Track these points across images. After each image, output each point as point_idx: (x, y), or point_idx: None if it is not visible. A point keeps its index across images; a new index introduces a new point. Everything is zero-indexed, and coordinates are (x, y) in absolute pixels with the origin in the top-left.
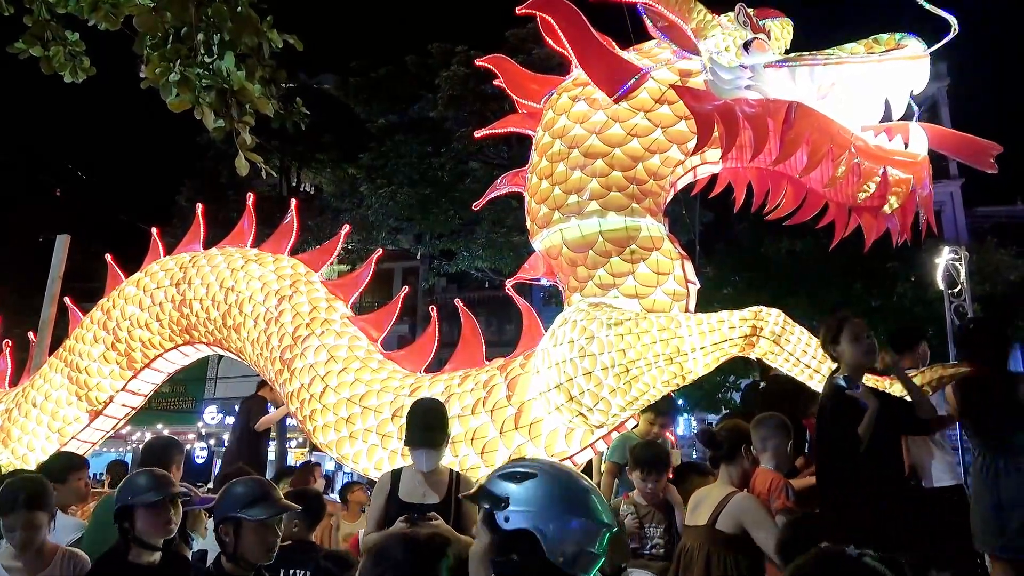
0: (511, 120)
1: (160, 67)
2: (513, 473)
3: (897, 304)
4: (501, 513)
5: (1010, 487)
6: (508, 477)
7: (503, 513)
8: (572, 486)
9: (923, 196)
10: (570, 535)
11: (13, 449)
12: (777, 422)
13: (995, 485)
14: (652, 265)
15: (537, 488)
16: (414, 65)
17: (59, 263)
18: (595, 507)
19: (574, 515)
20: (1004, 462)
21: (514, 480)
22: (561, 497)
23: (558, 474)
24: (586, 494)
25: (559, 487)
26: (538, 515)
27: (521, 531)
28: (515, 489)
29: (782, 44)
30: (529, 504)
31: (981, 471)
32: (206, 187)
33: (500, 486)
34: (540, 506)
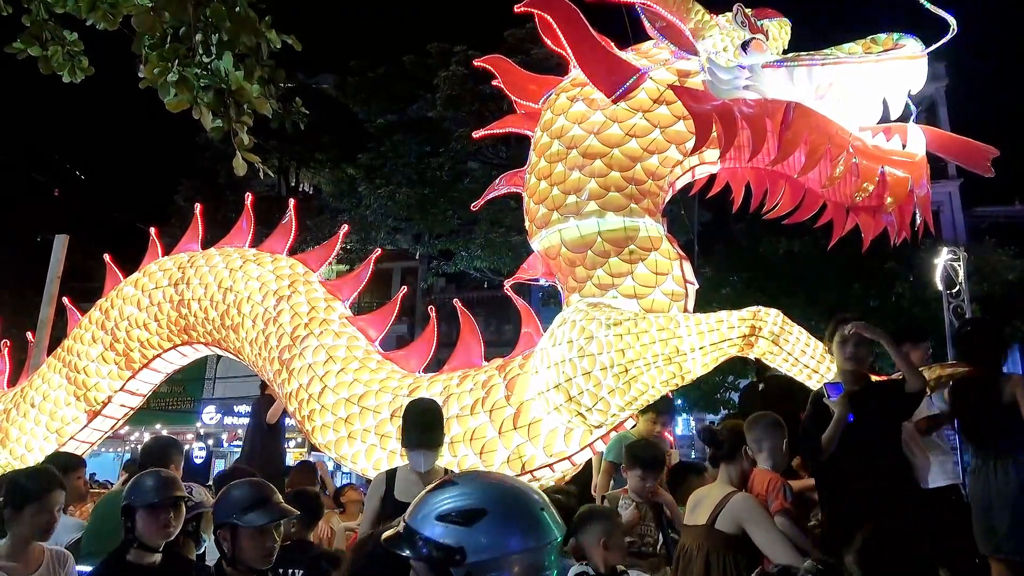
0: (510, 120)
1: (158, 67)
2: (458, 513)
3: (895, 304)
4: (460, 568)
5: (999, 489)
6: (453, 519)
7: (462, 568)
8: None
9: (921, 196)
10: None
11: (11, 449)
12: (770, 422)
13: (986, 487)
14: (651, 265)
15: (494, 528)
16: (413, 65)
17: (57, 263)
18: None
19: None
20: (994, 463)
21: (463, 522)
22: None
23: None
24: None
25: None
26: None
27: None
28: (468, 534)
29: (780, 44)
30: (491, 551)
31: (974, 472)
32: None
33: (449, 533)
34: (501, 549)
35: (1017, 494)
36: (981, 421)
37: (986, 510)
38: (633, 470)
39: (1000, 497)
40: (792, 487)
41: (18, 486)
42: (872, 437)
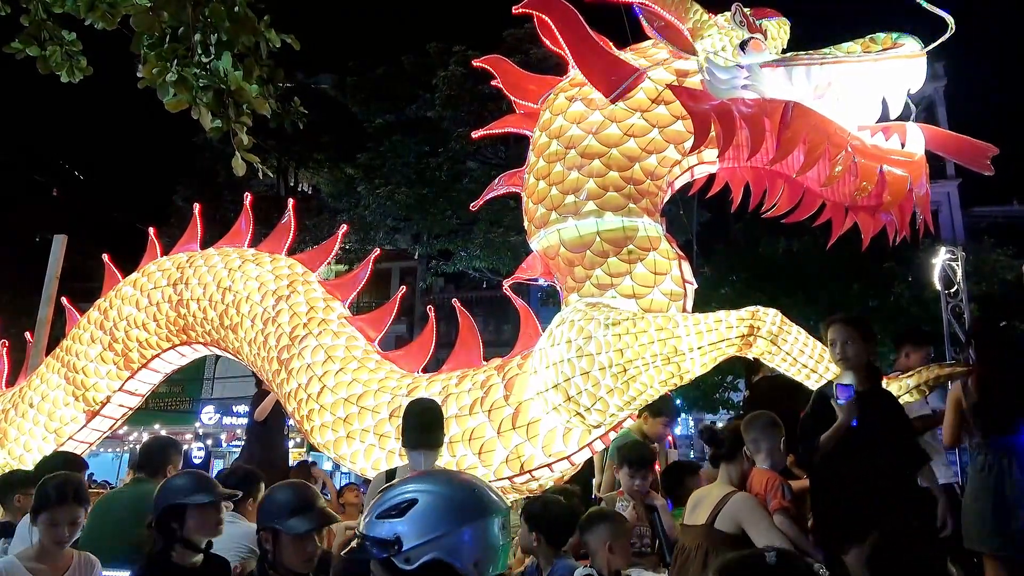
0: (508, 120)
1: (157, 67)
2: (393, 508)
3: (894, 304)
4: (400, 556)
5: (1014, 486)
6: (388, 514)
7: (402, 556)
8: (454, 491)
9: (920, 195)
10: (474, 542)
11: (10, 450)
12: (767, 422)
13: (999, 484)
14: (649, 265)
15: (425, 512)
16: (412, 65)
17: (56, 263)
18: (483, 500)
19: (469, 521)
20: (1008, 461)
21: (396, 515)
22: (451, 509)
23: (436, 487)
24: (471, 491)
25: (445, 500)
26: (438, 540)
27: (428, 564)
28: (402, 524)
29: (779, 44)
30: (423, 533)
31: (983, 470)
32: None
33: (385, 528)
34: (436, 530)
35: None
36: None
37: (997, 507)
38: (621, 468)
39: (1014, 493)
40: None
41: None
42: (873, 438)
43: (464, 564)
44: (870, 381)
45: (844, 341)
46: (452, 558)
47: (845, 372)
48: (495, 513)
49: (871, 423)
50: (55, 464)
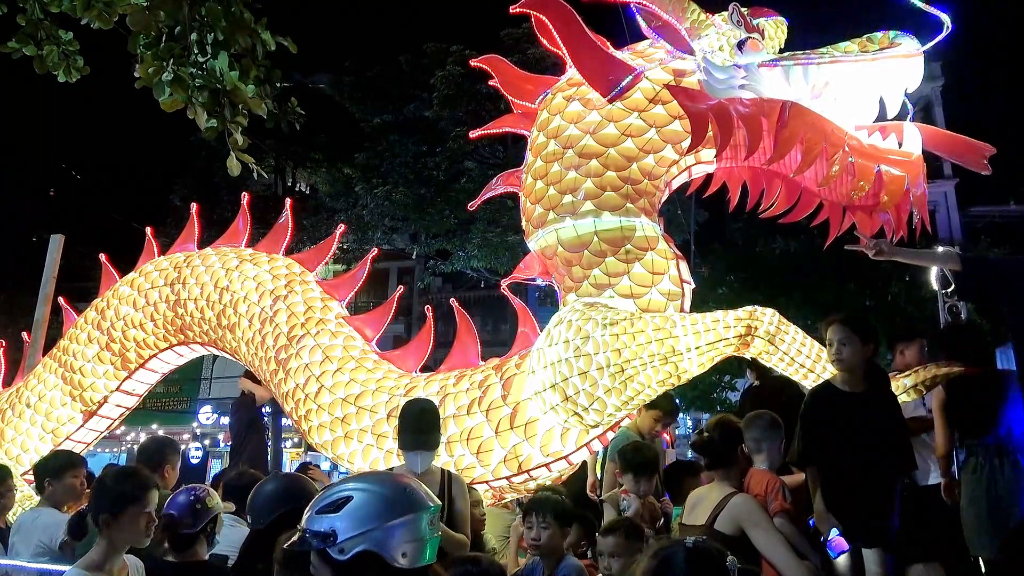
0: (506, 120)
1: (153, 66)
2: (329, 504)
3: (891, 304)
4: (334, 548)
5: (1005, 486)
6: (326, 510)
7: (336, 547)
8: (386, 489)
9: (917, 195)
10: (399, 536)
11: (7, 450)
12: (768, 421)
13: (991, 485)
14: (647, 265)
15: (357, 508)
16: (409, 65)
17: (53, 263)
18: (413, 498)
19: (398, 515)
20: (999, 460)
21: (333, 510)
22: (380, 506)
23: (370, 485)
24: (402, 490)
25: (375, 497)
26: (368, 533)
27: (360, 554)
28: (337, 519)
29: (776, 43)
30: (356, 527)
31: (975, 471)
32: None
33: (322, 522)
34: (368, 524)
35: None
36: (984, 419)
37: (991, 509)
38: (626, 474)
39: (1009, 494)
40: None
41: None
42: (866, 441)
43: (392, 555)
44: (868, 382)
45: (841, 341)
46: (381, 549)
47: (840, 371)
48: (423, 510)
49: (863, 425)
50: (55, 464)
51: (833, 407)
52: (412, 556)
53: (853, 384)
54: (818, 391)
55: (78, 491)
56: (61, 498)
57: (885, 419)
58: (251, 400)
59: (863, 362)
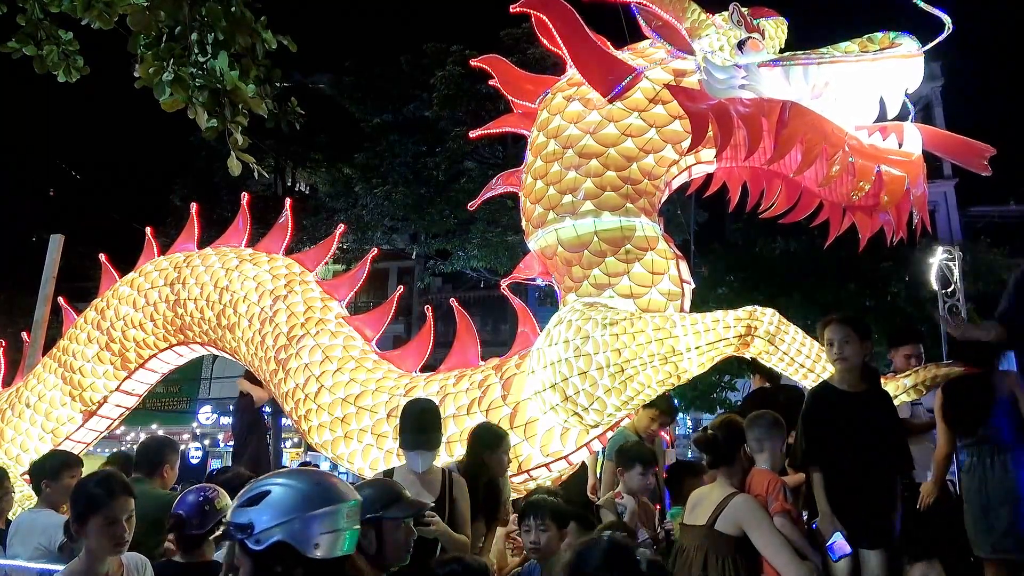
0: (506, 120)
1: (154, 66)
2: (250, 498)
3: (891, 304)
4: (251, 538)
5: (996, 485)
6: (246, 503)
7: (253, 538)
8: (303, 484)
9: (917, 195)
10: (317, 527)
11: (7, 450)
12: (771, 421)
13: (983, 484)
14: (647, 265)
15: (274, 502)
16: (409, 65)
17: (53, 263)
18: (329, 492)
19: (313, 508)
20: (991, 460)
21: (252, 504)
22: (296, 499)
23: (289, 480)
24: (319, 485)
25: (292, 491)
26: (283, 525)
27: (273, 545)
28: (255, 512)
29: (776, 43)
30: (271, 519)
31: (969, 471)
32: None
33: (242, 515)
34: (283, 516)
35: (1016, 490)
36: (979, 418)
37: (983, 508)
38: (632, 468)
39: (998, 493)
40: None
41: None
42: (864, 440)
43: (305, 546)
44: (866, 382)
45: (842, 340)
46: (295, 540)
47: (841, 371)
48: (339, 503)
49: (864, 425)
50: (52, 464)
51: (833, 407)
52: (327, 547)
53: (852, 383)
54: (818, 391)
55: None
56: (59, 499)
57: (884, 419)
58: (251, 401)
59: (862, 361)
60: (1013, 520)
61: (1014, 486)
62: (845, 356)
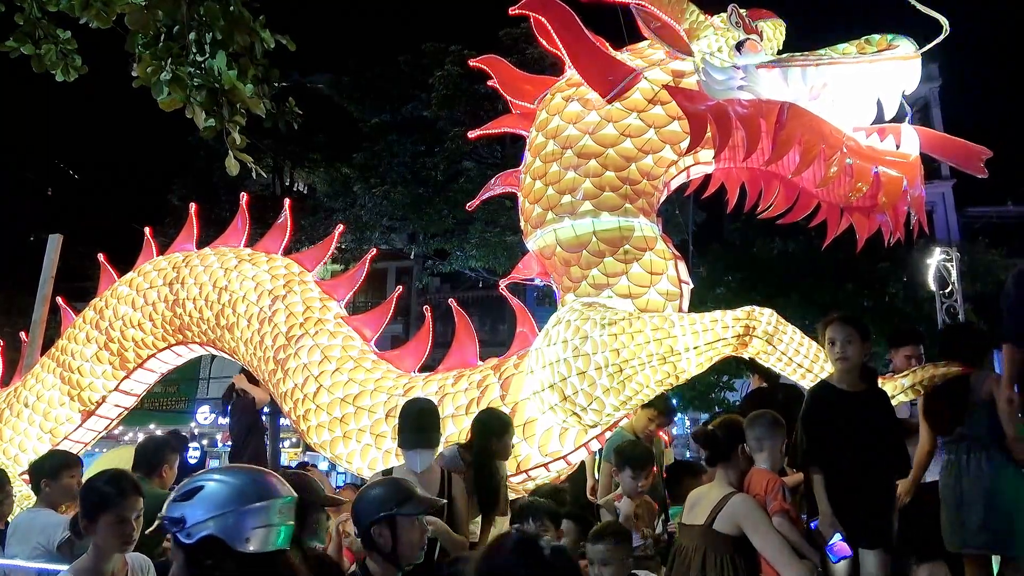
0: (505, 120)
1: (152, 66)
2: (183, 494)
3: (889, 304)
4: (183, 532)
5: (971, 483)
6: (180, 499)
7: (184, 531)
8: (236, 480)
9: (915, 196)
10: (247, 522)
11: (5, 449)
12: (771, 421)
13: (957, 482)
14: (646, 265)
15: (206, 497)
16: (407, 65)
17: (51, 263)
18: (261, 488)
19: (246, 504)
20: (967, 458)
21: (186, 499)
22: (229, 495)
23: (224, 476)
24: (252, 481)
25: (225, 487)
26: (214, 520)
27: (204, 538)
28: (188, 507)
29: (775, 45)
30: (203, 514)
31: (946, 468)
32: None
33: (176, 509)
34: (214, 511)
35: (990, 488)
36: (957, 417)
37: (957, 505)
38: (624, 471)
39: (972, 490)
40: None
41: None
42: (863, 441)
43: (235, 540)
44: (865, 382)
45: (845, 340)
46: (225, 534)
47: (842, 371)
48: (272, 499)
49: (862, 425)
50: (51, 464)
51: (832, 406)
52: (259, 541)
53: (851, 383)
54: (817, 391)
55: (75, 492)
56: (58, 499)
57: (882, 419)
58: (251, 403)
59: (861, 362)
60: (986, 517)
61: (988, 484)
62: (847, 356)
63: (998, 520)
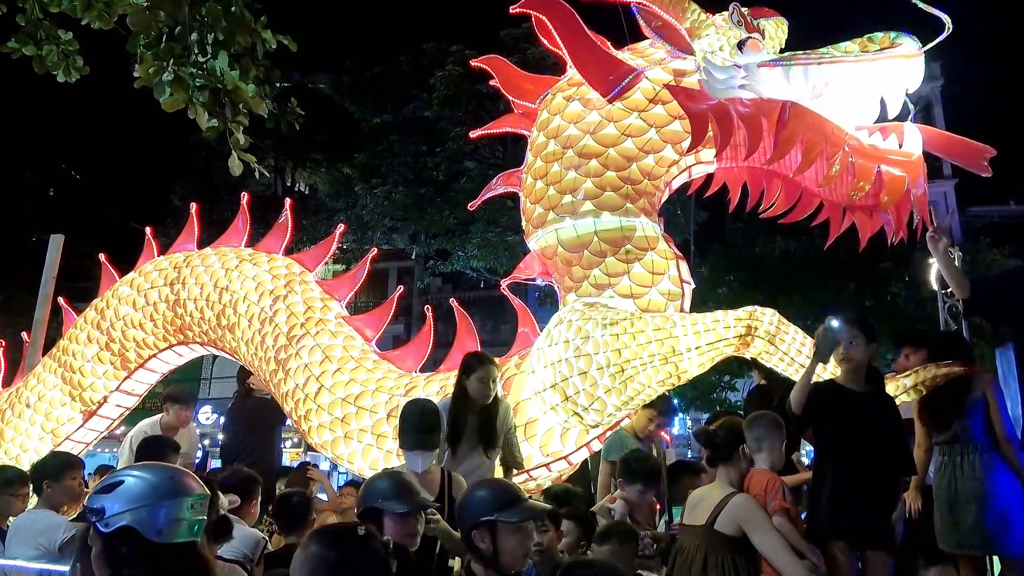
0: (506, 120)
1: (153, 66)
2: (105, 487)
3: (890, 304)
4: (101, 522)
5: (965, 484)
6: (101, 491)
7: (103, 522)
8: (154, 476)
9: (918, 195)
10: (160, 515)
11: (7, 450)
12: (770, 421)
13: (952, 482)
14: (647, 265)
15: (124, 492)
16: (408, 65)
17: (53, 263)
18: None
19: (159, 498)
20: (960, 459)
21: (106, 492)
22: (146, 489)
23: (141, 472)
24: (168, 478)
25: (143, 482)
26: (130, 511)
27: (120, 528)
28: (108, 499)
29: (776, 43)
30: (121, 506)
31: (940, 468)
32: (200, 187)
33: (96, 501)
34: (131, 504)
35: (983, 489)
36: (951, 417)
37: (951, 505)
38: (634, 485)
39: (966, 491)
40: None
41: None
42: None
43: (147, 531)
44: (871, 383)
45: (850, 340)
46: (139, 525)
47: (847, 371)
48: (185, 496)
49: (866, 424)
50: (53, 465)
51: (836, 403)
52: (168, 533)
53: (856, 384)
54: (821, 386)
55: (77, 492)
56: (59, 500)
57: (888, 420)
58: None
59: (866, 362)
60: (979, 518)
61: (981, 485)
62: (851, 356)
63: (992, 521)
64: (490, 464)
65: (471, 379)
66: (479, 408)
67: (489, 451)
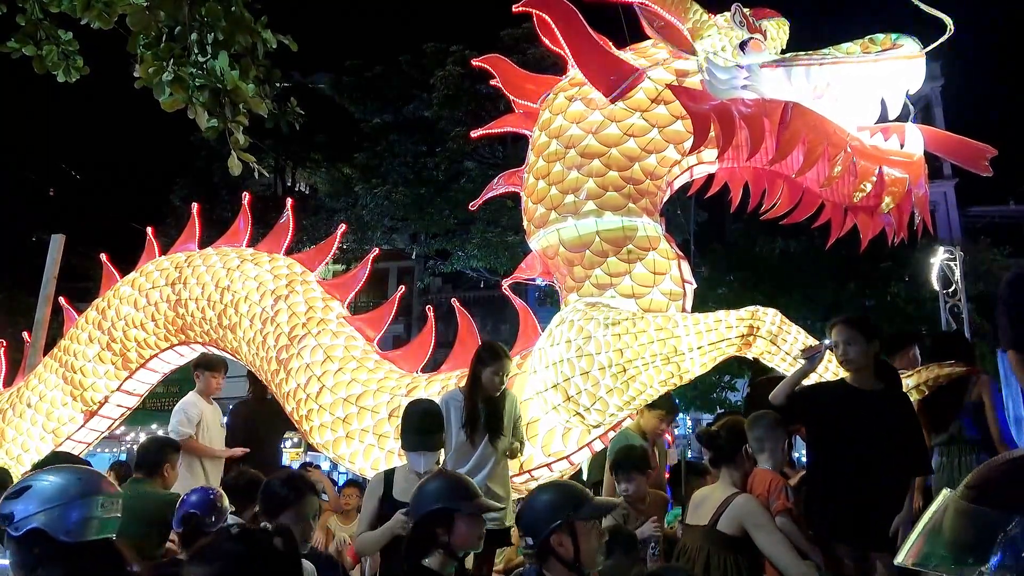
0: (507, 120)
1: (153, 66)
2: (14, 492)
3: (891, 304)
4: (12, 527)
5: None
6: (10, 497)
7: (13, 526)
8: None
9: (919, 196)
10: (70, 515)
11: (8, 450)
12: (771, 421)
13: (950, 483)
14: (649, 265)
15: (33, 495)
16: (409, 65)
17: (53, 263)
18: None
19: (65, 501)
20: (959, 460)
21: (15, 497)
22: (53, 492)
23: (50, 475)
24: (76, 480)
25: (50, 485)
26: (38, 514)
27: (30, 531)
28: (17, 504)
29: (778, 44)
30: (29, 509)
31: (939, 470)
32: (200, 187)
33: (6, 507)
34: (39, 507)
35: None
36: (949, 418)
37: None
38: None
39: None
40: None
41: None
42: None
43: (56, 531)
44: (882, 381)
45: (846, 342)
46: (47, 527)
47: (852, 373)
48: (94, 495)
49: (872, 423)
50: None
51: (842, 403)
52: (79, 532)
53: (864, 383)
54: (828, 385)
55: None
56: None
57: (898, 418)
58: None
59: (872, 361)
60: None
61: None
62: (850, 358)
63: None
64: (496, 453)
65: (486, 371)
66: (486, 398)
67: (495, 440)
